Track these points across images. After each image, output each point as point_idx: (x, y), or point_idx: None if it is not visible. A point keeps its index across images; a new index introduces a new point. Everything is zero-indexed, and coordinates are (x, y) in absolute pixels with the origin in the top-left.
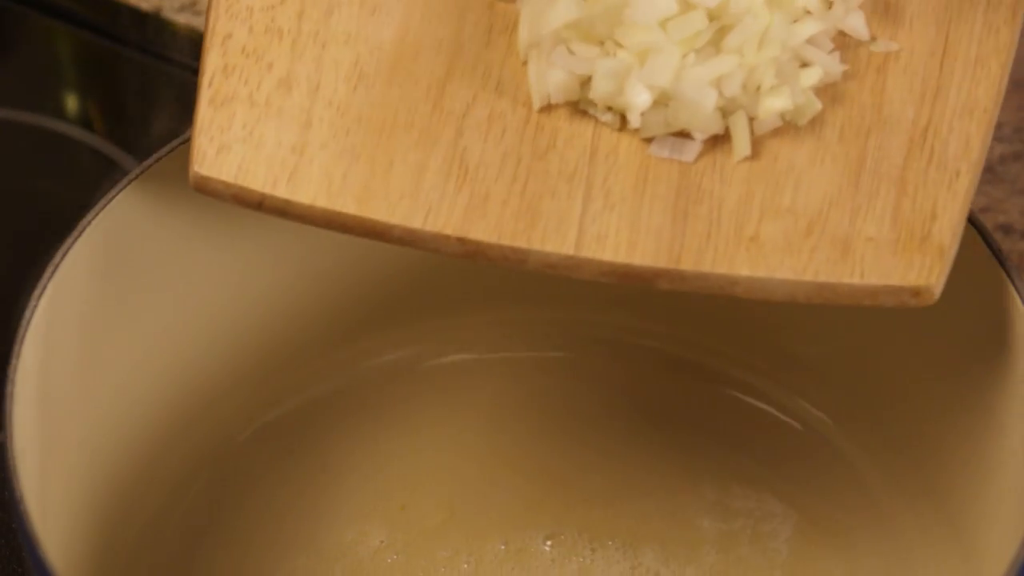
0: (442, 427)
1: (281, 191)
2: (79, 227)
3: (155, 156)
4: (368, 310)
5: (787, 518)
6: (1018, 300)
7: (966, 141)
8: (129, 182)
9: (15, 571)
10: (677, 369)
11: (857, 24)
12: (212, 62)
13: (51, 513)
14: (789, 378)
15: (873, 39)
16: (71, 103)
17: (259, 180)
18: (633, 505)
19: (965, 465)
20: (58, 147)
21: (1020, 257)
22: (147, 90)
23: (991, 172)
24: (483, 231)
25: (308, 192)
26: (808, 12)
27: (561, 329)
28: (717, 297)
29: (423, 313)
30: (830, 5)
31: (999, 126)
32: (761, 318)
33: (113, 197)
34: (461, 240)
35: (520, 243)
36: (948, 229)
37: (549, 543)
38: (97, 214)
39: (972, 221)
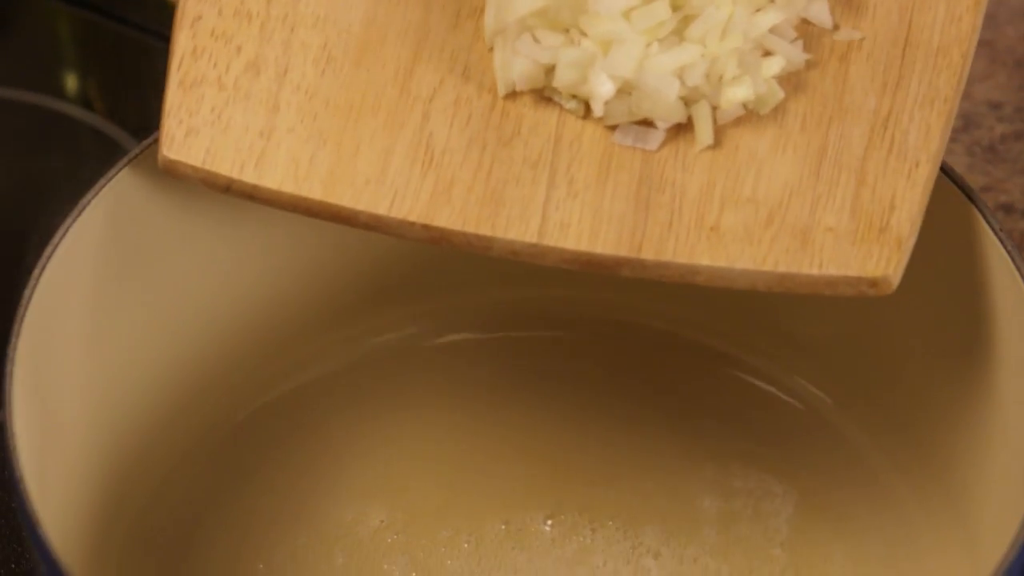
0: (442, 407)
1: (248, 176)
2: (79, 206)
3: (155, 136)
4: (367, 290)
5: (787, 497)
6: (1019, 279)
7: (927, 131)
8: (129, 161)
9: (15, 550)
10: (677, 349)
11: (820, 13)
12: (181, 44)
13: (51, 493)
14: (789, 357)
15: (836, 28)
16: (71, 82)
17: (227, 164)
18: (633, 484)
19: (966, 443)
20: (58, 126)
21: (1021, 237)
22: (147, 69)
23: (992, 152)
24: (447, 218)
25: (275, 177)
26: (771, 1)
27: (561, 308)
28: (679, 285)
29: (422, 293)
30: None
31: (1000, 105)
32: (761, 297)
33: (113, 176)
34: (426, 227)
35: (484, 230)
36: (907, 220)
37: (549, 523)
38: (97, 193)
39: (973, 200)
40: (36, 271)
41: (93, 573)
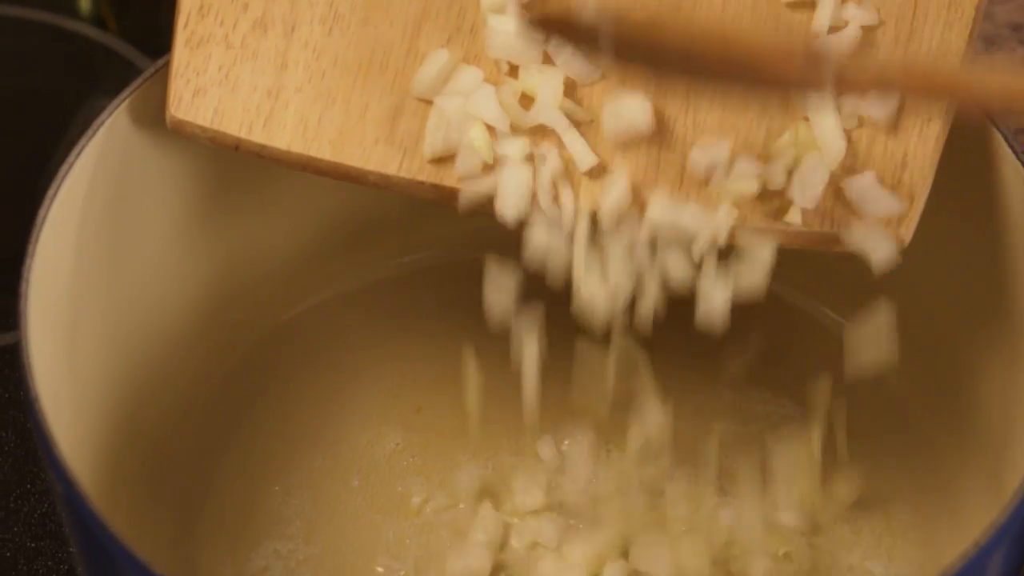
0: (456, 329)
1: (257, 136)
2: (93, 126)
3: (168, 56)
4: (392, 210)
5: (805, 421)
6: None
7: None
8: (144, 81)
9: (31, 471)
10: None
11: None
12: (187, 1)
13: (66, 413)
14: (809, 282)
15: None
16: (84, 1)
17: (235, 124)
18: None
19: (986, 364)
20: (72, 46)
21: None
22: None
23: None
24: (455, 179)
25: (283, 137)
26: None
27: None
28: None
29: (437, 217)
30: None
31: (1022, 27)
32: None
33: (127, 96)
34: (435, 187)
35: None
36: (918, 176)
37: (567, 442)
38: (111, 113)
39: (994, 123)
40: (50, 192)
41: (108, 494)
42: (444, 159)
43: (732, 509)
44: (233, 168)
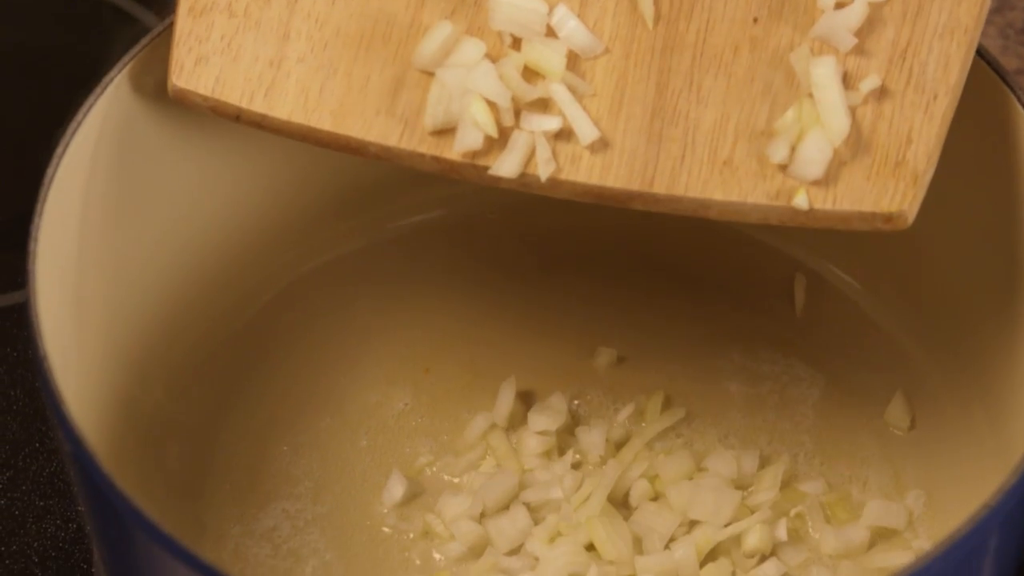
0: (464, 288)
1: (258, 105)
2: (102, 84)
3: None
4: (388, 173)
5: (815, 382)
6: None
7: (946, 63)
8: (152, 39)
9: (39, 429)
10: (705, 234)
11: None
12: None
13: (74, 372)
14: (818, 243)
15: None
16: None
17: (236, 94)
18: (659, 367)
19: (992, 325)
20: (80, 3)
21: None
22: None
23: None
24: (457, 151)
25: (284, 107)
26: None
27: None
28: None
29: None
30: None
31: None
32: None
33: (135, 56)
34: (436, 159)
35: (491, 163)
36: (923, 154)
37: (576, 402)
38: (120, 71)
39: (1007, 82)
40: (59, 150)
41: (117, 453)
42: (445, 131)
43: (744, 469)
44: (239, 130)
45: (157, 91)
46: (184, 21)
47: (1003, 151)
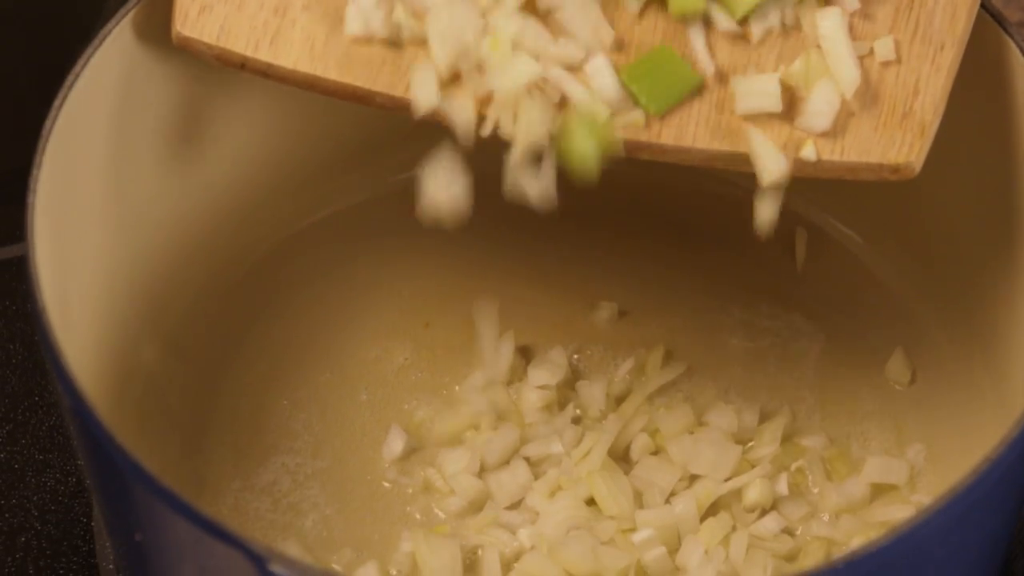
0: (465, 242)
1: (263, 54)
2: (100, 35)
3: None
4: (397, 124)
5: (815, 337)
6: None
7: (952, 14)
8: None
9: (38, 383)
10: (709, 186)
11: None
12: None
13: (73, 325)
14: (819, 196)
15: None
16: None
17: (241, 42)
18: (659, 321)
19: (994, 278)
20: None
21: None
22: None
23: None
24: (462, 100)
25: (289, 56)
26: None
27: None
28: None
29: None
30: None
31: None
32: None
33: (133, 7)
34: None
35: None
36: (930, 105)
37: (576, 357)
38: (118, 23)
39: (1010, 35)
40: (57, 102)
41: (116, 407)
42: (452, 82)
43: (745, 424)
44: (238, 83)
45: (154, 44)
46: None
47: (1005, 103)
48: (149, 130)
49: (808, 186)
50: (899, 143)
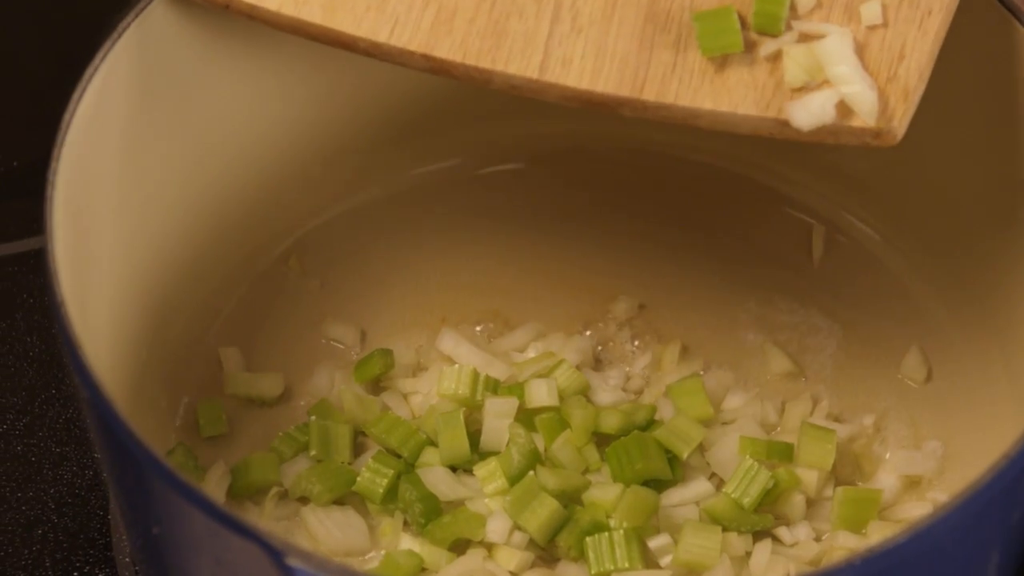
0: (483, 236)
1: None
2: (118, 30)
3: None
4: (406, 122)
5: (832, 333)
6: None
7: None
8: None
9: (56, 375)
10: (722, 183)
11: None
12: None
13: (92, 319)
14: (835, 192)
15: None
16: None
17: None
18: (678, 316)
19: (1013, 278)
20: None
21: None
22: None
23: None
24: (448, 49)
25: None
26: None
27: (604, 142)
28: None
29: (462, 125)
30: None
31: None
32: None
33: (149, 2)
34: (426, 57)
35: (484, 63)
36: (915, 70)
37: (600, 348)
38: (136, 16)
39: (1013, 12)
40: (75, 96)
41: (133, 399)
42: (435, 29)
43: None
44: (254, 77)
45: (174, 35)
46: None
47: (1011, 86)
48: (167, 123)
49: (826, 182)
50: (882, 107)
